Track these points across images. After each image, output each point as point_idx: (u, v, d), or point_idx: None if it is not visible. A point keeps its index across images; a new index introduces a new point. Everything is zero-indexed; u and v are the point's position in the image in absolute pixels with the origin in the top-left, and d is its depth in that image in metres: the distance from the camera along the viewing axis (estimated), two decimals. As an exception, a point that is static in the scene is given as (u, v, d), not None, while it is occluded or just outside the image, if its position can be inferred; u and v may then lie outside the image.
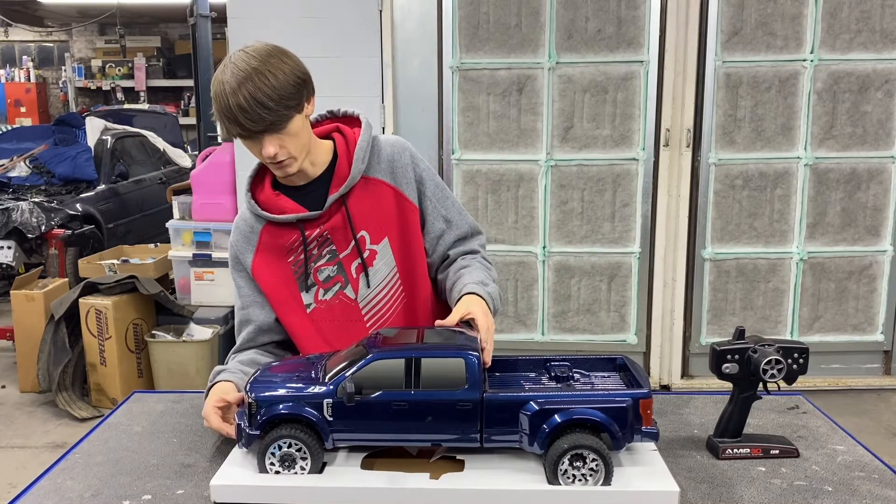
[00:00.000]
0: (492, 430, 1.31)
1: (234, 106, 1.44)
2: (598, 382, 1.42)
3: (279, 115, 1.48)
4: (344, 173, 1.66)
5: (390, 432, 1.32)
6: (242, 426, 1.36)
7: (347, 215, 1.65)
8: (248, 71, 1.46)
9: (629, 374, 1.42)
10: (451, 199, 1.76)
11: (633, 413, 1.29)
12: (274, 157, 1.53)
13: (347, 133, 1.71)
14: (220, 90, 1.47)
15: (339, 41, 3.98)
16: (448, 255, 1.74)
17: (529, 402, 1.30)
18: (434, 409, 1.30)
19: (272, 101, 1.46)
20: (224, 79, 1.47)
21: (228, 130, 1.51)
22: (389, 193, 1.69)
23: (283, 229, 1.67)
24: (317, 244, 1.67)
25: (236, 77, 1.45)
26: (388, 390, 1.30)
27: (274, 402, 1.32)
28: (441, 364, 1.31)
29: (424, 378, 1.30)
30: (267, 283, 1.70)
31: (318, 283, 1.69)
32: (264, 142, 1.51)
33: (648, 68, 3.90)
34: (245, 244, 1.71)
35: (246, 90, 1.44)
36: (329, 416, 1.31)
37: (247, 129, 1.48)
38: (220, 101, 1.47)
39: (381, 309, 1.72)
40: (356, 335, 1.60)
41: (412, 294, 1.73)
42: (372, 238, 1.68)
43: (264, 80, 1.46)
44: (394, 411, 1.30)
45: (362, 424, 1.32)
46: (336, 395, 1.30)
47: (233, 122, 1.48)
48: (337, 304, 1.70)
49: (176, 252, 4.51)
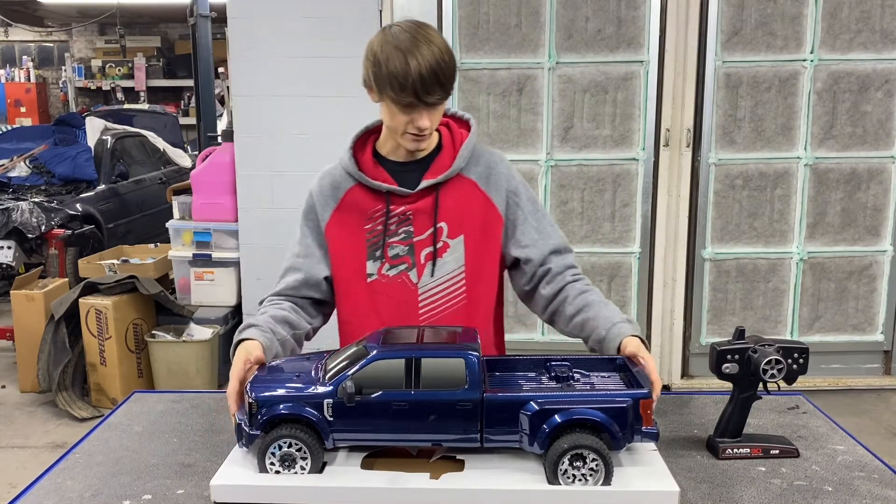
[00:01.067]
0: (492, 430, 1.31)
1: (416, 76, 1.50)
2: (598, 382, 1.42)
3: (447, 93, 1.57)
4: (445, 164, 1.70)
5: (390, 432, 1.32)
6: (243, 426, 1.36)
7: (436, 202, 1.68)
8: (427, 41, 1.54)
9: (629, 374, 1.42)
10: (545, 214, 1.78)
11: (633, 413, 1.29)
12: (424, 130, 1.59)
13: (454, 129, 1.76)
14: (398, 57, 1.52)
15: (339, 41, 3.98)
16: (549, 268, 1.72)
17: (529, 402, 1.30)
18: (434, 409, 1.30)
19: (445, 78, 1.54)
20: (403, 45, 1.53)
21: (395, 99, 1.55)
22: (478, 196, 1.72)
23: (369, 195, 1.70)
24: (397, 220, 1.70)
25: (415, 43, 1.52)
26: (389, 390, 1.30)
27: (274, 402, 1.32)
28: (441, 364, 1.31)
29: (425, 378, 1.30)
30: (337, 241, 1.73)
31: (385, 258, 1.71)
32: (424, 113, 1.57)
33: (648, 68, 3.90)
34: (327, 198, 1.74)
35: (428, 58, 1.51)
36: (329, 416, 1.31)
37: (419, 99, 1.53)
38: (398, 68, 1.52)
39: (437, 301, 1.72)
40: (408, 319, 1.67)
41: (473, 298, 1.73)
42: (449, 231, 1.70)
43: (441, 54, 1.54)
44: (394, 411, 1.30)
45: (362, 424, 1.31)
46: (336, 395, 1.30)
47: (406, 91, 1.52)
48: (398, 284, 1.71)
49: (176, 252, 4.51)
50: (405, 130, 1.61)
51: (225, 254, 4.39)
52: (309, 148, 4.06)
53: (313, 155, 4.07)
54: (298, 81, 4.03)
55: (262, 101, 4.08)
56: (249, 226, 4.21)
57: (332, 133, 4.03)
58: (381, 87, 1.57)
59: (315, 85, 4.03)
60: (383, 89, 1.57)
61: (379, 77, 1.56)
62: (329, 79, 4.02)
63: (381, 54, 1.56)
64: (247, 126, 4.12)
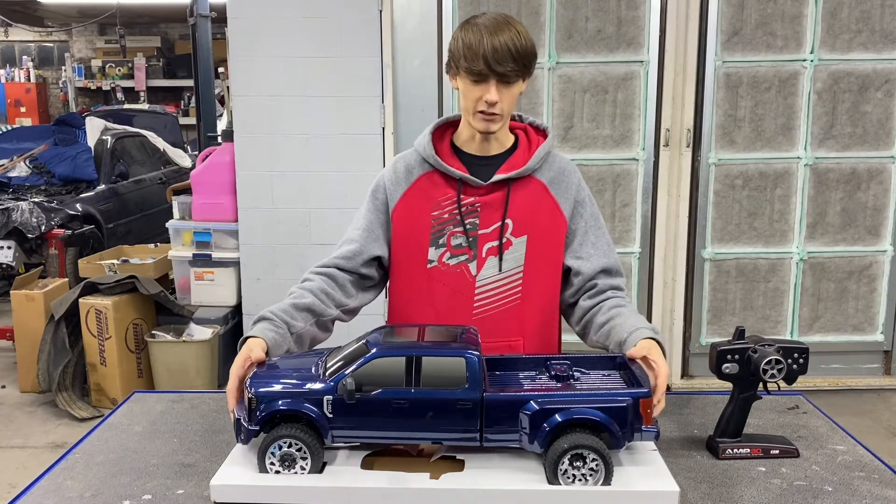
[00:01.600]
0: (492, 429, 1.31)
1: (489, 46, 1.57)
2: (598, 381, 1.42)
3: (518, 67, 1.60)
4: (519, 162, 1.74)
5: (390, 430, 1.32)
6: (242, 422, 1.36)
7: (507, 197, 1.71)
8: (506, 23, 1.60)
9: (629, 372, 1.42)
10: (605, 231, 1.79)
11: (633, 412, 1.30)
12: (493, 105, 1.61)
13: (532, 134, 1.80)
14: (475, 31, 1.59)
15: (339, 41, 3.98)
16: (596, 284, 1.73)
17: (530, 401, 1.30)
18: (434, 407, 1.30)
19: (519, 54, 1.59)
20: (481, 22, 1.60)
21: (468, 68, 1.59)
22: (547, 199, 1.74)
23: (441, 182, 1.73)
24: (465, 210, 1.72)
25: (495, 24, 1.59)
26: (389, 388, 1.30)
27: (273, 398, 1.32)
28: (442, 363, 1.31)
29: (425, 377, 1.30)
30: (403, 223, 1.75)
31: (448, 246, 1.73)
32: (493, 87, 1.60)
33: (648, 68, 3.90)
34: (399, 181, 1.76)
35: (504, 37, 1.58)
36: (329, 413, 1.31)
37: (490, 68, 1.58)
38: (473, 39, 1.58)
39: (492, 297, 1.74)
40: (462, 310, 1.71)
41: (528, 299, 1.74)
42: (514, 230, 1.72)
43: (518, 36, 1.60)
44: (394, 409, 1.30)
45: (362, 422, 1.32)
46: (336, 392, 1.30)
47: (477, 59, 1.58)
48: (456, 274, 1.73)
49: (176, 252, 4.51)
50: (476, 109, 1.64)
51: (225, 254, 4.39)
52: (309, 148, 4.06)
53: (313, 155, 4.07)
54: (298, 81, 4.03)
55: (262, 101, 4.08)
56: (249, 226, 4.21)
57: (332, 133, 4.06)
58: (457, 61, 1.62)
59: (315, 85, 4.03)
60: (458, 62, 1.62)
61: (455, 52, 1.63)
62: (329, 79, 4.02)
63: (460, 32, 1.64)
64: (247, 126, 4.12)
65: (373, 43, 3.98)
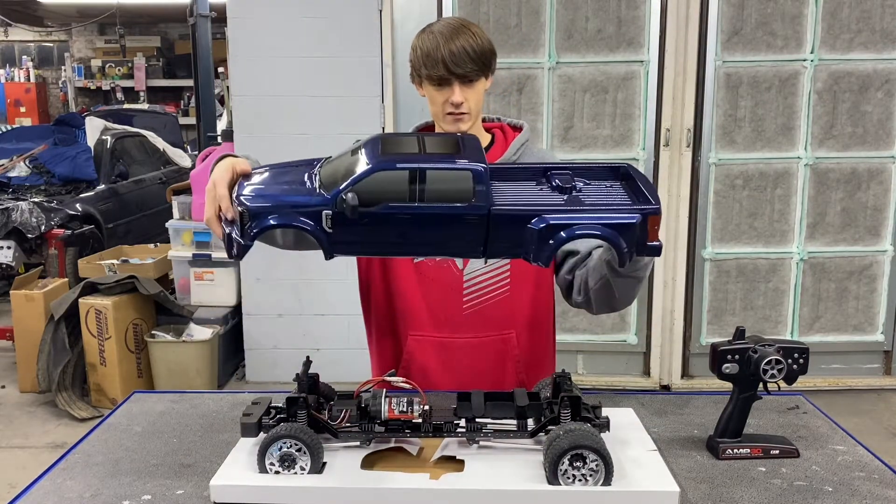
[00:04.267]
0: (496, 244, 1.25)
1: (447, 51, 1.61)
2: (603, 194, 1.33)
3: (477, 67, 1.64)
4: (496, 155, 1.77)
5: (392, 245, 1.26)
6: (234, 237, 1.27)
7: None
8: (461, 27, 1.65)
9: (633, 183, 1.34)
10: None
11: (640, 229, 1.25)
12: (459, 106, 1.66)
13: (507, 131, 1.84)
14: (431, 38, 1.64)
15: (339, 41, 3.98)
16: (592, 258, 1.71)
17: (536, 216, 1.23)
18: (439, 221, 1.23)
19: (476, 55, 1.63)
20: (436, 29, 1.65)
21: (429, 74, 1.64)
22: None
23: None
24: None
25: (450, 29, 1.64)
26: (392, 203, 1.22)
27: (266, 212, 1.24)
28: (447, 176, 1.23)
29: (430, 192, 1.22)
30: None
31: None
32: (456, 89, 1.64)
33: (648, 68, 3.90)
34: None
35: (460, 41, 1.63)
36: (328, 228, 1.24)
37: (450, 72, 1.62)
38: (430, 46, 1.63)
39: (481, 290, 1.75)
40: (453, 304, 1.73)
41: (517, 290, 1.76)
42: None
43: (473, 37, 1.64)
44: (397, 223, 1.23)
45: (364, 236, 1.24)
46: (335, 205, 1.22)
47: (437, 64, 1.62)
48: (444, 269, 1.75)
49: (176, 252, 4.51)
50: (444, 111, 1.67)
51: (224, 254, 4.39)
52: (309, 148, 4.02)
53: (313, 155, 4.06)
54: (298, 81, 4.03)
55: (261, 101, 4.08)
56: (249, 226, 4.20)
57: (332, 133, 4.05)
58: (419, 70, 1.66)
59: (315, 85, 4.03)
60: (419, 71, 1.66)
61: (416, 62, 1.67)
62: (329, 79, 4.02)
63: (418, 41, 1.67)
64: (247, 126, 4.12)
65: (373, 43, 3.98)
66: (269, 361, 4.35)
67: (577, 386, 1.43)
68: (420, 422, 1.38)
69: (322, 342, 4.25)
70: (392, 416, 1.38)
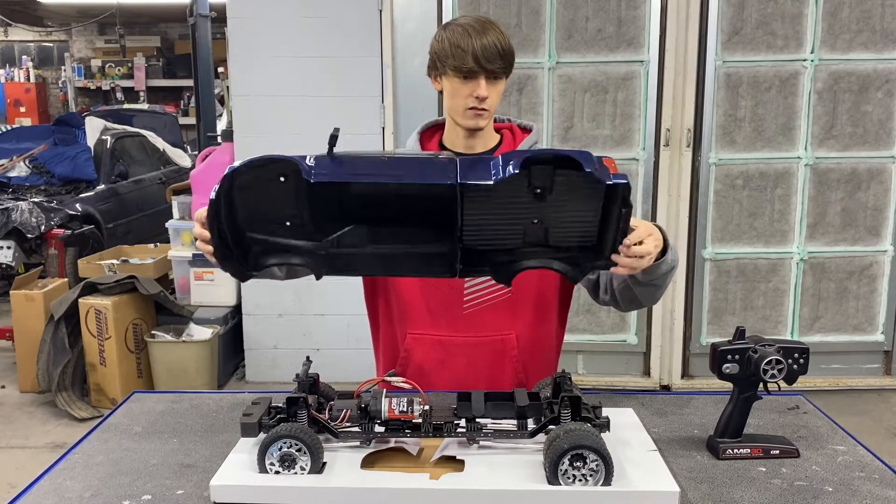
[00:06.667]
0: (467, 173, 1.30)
1: (478, 44, 1.61)
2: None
3: (504, 65, 1.65)
4: None
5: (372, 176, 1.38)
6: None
7: None
8: (490, 24, 1.65)
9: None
10: None
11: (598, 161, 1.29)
12: (483, 101, 1.64)
13: (517, 132, 1.83)
14: (461, 31, 1.63)
15: (339, 41, 3.98)
16: None
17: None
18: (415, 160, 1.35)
19: (504, 52, 1.64)
20: (464, 23, 1.64)
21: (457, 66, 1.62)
22: None
23: None
24: None
25: (480, 24, 1.64)
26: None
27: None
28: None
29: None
30: None
31: None
32: (482, 83, 1.63)
33: (648, 68, 3.90)
34: None
35: (490, 37, 1.62)
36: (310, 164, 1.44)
37: (480, 65, 1.61)
38: (460, 37, 1.62)
39: (482, 292, 1.74)
40: (453, 305, 1.73)
41: (519, 292, 1.75)
42: None
43: (502, 35, 1.65)
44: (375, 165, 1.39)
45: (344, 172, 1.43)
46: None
47: (467, 56, 1.61)
48: None
49: (176, 252, 4.51)
50: (466, 105, 1.65)
51: (225, 254, 4.39)
52: (308, 148, 4.03)
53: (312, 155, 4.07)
54: (298, 81, 4.03)
55: (261, 101, 4.08)
56: (249, 226, 4.20)
57: (332, 133, 4.06)
58: (444, 60, 1.64)
59: (315, 85, 4.03)
60: (445, 61, 1.63)
61: (442, 51, 1.64)
62: (329, 79, 4.02)
63: (444, 32, 1.66)
64: (247, 126, 4.12)
65: (373, 43, 3.98)
66: (269, 361, 4.35)
67: (577, 386, 1.43)
68: (420, 422, 1.38)
69: (322, 342, 4.25)
70: (392, 416, 1.38)
